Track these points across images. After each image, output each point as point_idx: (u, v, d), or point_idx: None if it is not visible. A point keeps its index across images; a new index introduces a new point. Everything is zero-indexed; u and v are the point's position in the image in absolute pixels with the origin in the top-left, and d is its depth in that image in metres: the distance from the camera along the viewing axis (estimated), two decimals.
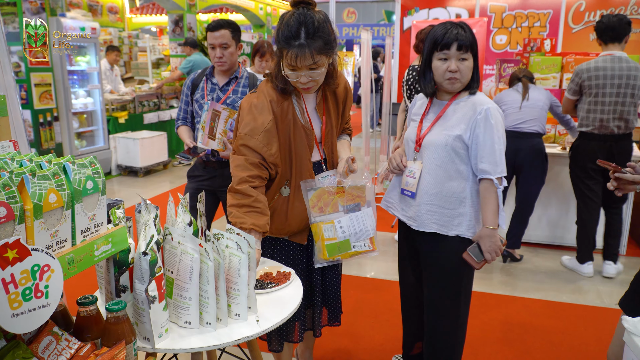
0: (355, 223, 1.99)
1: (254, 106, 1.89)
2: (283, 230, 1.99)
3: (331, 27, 1.79)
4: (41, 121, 5.68)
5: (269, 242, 2.06)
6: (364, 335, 2.90)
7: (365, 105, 5.54)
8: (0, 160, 1.17)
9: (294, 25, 1.73)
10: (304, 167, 1.95)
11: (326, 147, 2.03)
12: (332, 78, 1.93)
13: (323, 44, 1.75)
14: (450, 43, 1.84)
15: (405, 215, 2.09)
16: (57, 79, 5.91)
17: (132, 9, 12.61)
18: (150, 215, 1.50)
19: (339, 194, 1.99)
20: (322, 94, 1.98)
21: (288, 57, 1.75)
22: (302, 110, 1.95)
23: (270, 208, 1.95)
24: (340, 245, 1.96)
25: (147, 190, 6.20)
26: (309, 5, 1.79)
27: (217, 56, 2.69)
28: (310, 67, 1.76)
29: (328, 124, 2.01)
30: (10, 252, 0.97)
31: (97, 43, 6.50)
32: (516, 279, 3.72)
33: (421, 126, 2.03)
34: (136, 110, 7.40)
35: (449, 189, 1.94)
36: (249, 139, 1.84)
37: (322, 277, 2.13)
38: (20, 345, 1.15)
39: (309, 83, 1.82)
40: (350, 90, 2.10)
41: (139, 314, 1.36)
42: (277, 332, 2.05)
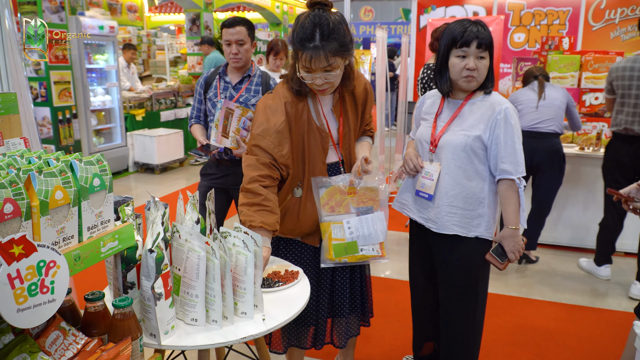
0: (364, 225, 1.97)
1: (268, 107, 1.90)
2: (294, 231, 1.99)
3: (347, 28, 1.77)
4: (60, 118, 5.77)
5: (282, 243, 2.06)
6: (374, 335, 2.89)
7: (380, 104, 5.51)
8: (9, 157, 1.18)
9: (309, 27, 1.72)
10: (317, 168, 1.94)
11: (344, 149, 2.01)
12: (348, 79, 1.91)
13: (338, 45, 1.73)
14: (470, 41, 1.82)
15: (422, 217, 2.05)
16: (76, 76, 6.00)
17: (150, 7, 12.75)
18: (158, 212, 1.51)
19: (350, 194, 1.97)
20: (339, 95, 1.96)
21: (303, 59, 1.75)
22: (318, 112, 1.94)
23: (282, 208, 1.95)
24: (347, 246, 1.94)
25: (163, 187, 6.26)
26: (325, 7, 1.78)
27: (233, 52, 2.70)
28: (325, 69, 1.75)
29: (345, 125, 1.99)
30: (16, 248, 0.98)
31: (115, 41, 6.58)
32: (531, 281, 3.66)
33: (435, 126, 2.00)
34: (153, 107, 7.48)
35: (469, 189, 1.91)
36: (261, 139, 1.85)
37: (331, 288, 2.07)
38: (27, 339, 1.16)
39: (324, 85, 1.81)
40: (370, 91, 2.06)
41: (145, 310, 1.37)
42: (286, 335, 2.04)
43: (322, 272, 2.04)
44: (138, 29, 11.35)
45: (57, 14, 5.59)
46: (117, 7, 11.09)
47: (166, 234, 1.53)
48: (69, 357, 1.21)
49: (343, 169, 2.02)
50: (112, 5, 10.88)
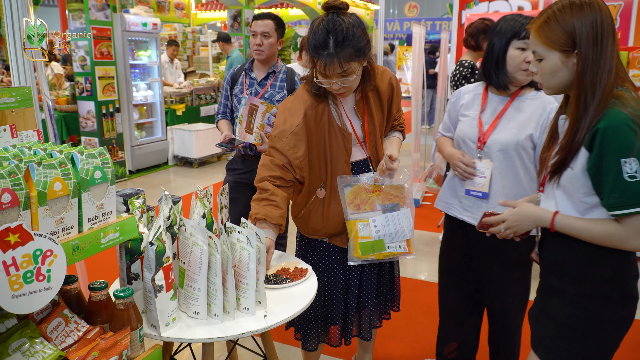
0: (390, 223, 1.94)
1: (287, 109, 1.91)
2: (320, 231, 1.98)
3: (362, 31, 1.74)
4: (104, 112, 5.99)
5: (310, 245, 2.06)
6: (395, 336, 2.85)
7: (415, 101, 5.42)
8: (18, 149, 1.23)
9: (322, 34, 1.70)
10: (340, 168, 1.93)
11: (370, 147, 1.99)
12: (368, 80, 1.88)
13: (353, 51, 1.70)
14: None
15: (473, 216, 2.00)
16: (120, 72, 6.20)
17: (197, 5, 13.04)
18: (167, 206, 1.54)
19: (375, 192, 1.95)
20: (361, 93, 1.93)
21: (318, 65, 1.74)
22: (339, 113, 1.92)
23: (307, 210, 1.97)
24: (374, 244, 1.92)
25: (199, 180, 6.39)
26: (340, 10, 1.75)
27: (257, 43, 2.72)
28: (341, 74, 1.73)
29: (370, 123, 1.96)
30: (12, 237, 1.02)
31: (158, 38, 6.76)
32: None
33: (481, 123, 1.96)
34: (193, 103, 7.65)
35: (522, 187, 1.90)
36: (277, 140, 1.86)
37: (359, 285, 2.07)
38: (29, 324, 1.21)
39: (342, 89, 1.80)
40: (397, 86, 2.02)
41: (147, 302, 1.40)
42: (315, 331, 2.05)
43: (351, 272, 2.03)
44: (184, 26, 11.63)
45: (103, 11, 5.79)
46: (165, 5, 11.40)
47: (174, 228, 1.55)
48: (69, 344, 1.25)
49: (371, 166, 2.00)
50: (160, 3, 11.20)
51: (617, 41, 1.30)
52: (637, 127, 1.23)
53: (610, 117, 1.25)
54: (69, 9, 5.73)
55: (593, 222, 1.33)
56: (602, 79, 1.28)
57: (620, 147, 1.23)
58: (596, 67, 1.27)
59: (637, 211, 1.25)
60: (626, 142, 1.23)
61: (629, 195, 1.25)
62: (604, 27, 1.27)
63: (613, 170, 1.24)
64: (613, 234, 1.30)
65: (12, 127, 1.33)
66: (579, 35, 1.28)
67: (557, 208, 1.42)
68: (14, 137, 1.35)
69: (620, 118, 1.24)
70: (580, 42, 1.28)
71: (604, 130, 1.25)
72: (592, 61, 1.27)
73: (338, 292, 2.02)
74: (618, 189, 1.25)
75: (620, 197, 1.25)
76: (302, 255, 2.09)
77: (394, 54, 13.90)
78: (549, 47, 1.33)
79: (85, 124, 6.05)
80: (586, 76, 1.28)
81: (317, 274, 2.01)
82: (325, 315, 2.05)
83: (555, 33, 1.30)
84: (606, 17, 1.28)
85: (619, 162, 1.23)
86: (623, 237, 1.29)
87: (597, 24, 1.27)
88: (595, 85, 1.28)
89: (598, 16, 1.27)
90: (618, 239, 1.30)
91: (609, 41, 1.27)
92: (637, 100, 1.29)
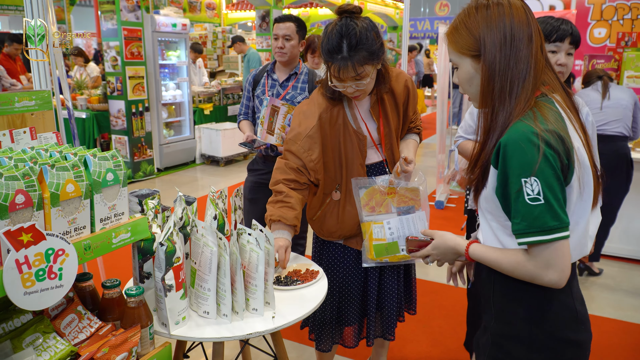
0: (405, 226, 1.94)
1: (302, 112, 1.93)
2: (335, 233, 2.00)
3: (376, 35, 1.75)
4: (133, 111, 6.13)
5: (325, 247, 2.08)
6: (411, 339, 2.83)
7: (441, 102, 5.36)
8: (34, 151, 1.28)
9: (336, 38, 1.72)
10: (355, 171, 1.94)
11: (386, 149, 1.99)
12: (383, 82, 1.89)
13: (367, 54, 1.72)
14: (565, 36, 1.83)
15: None
16: (150, 72, 6.34)
17: (228, 4, 13.22)
18: (180, 207, 1.57)
19: (390, 194, 1.95)
20: (376, 96, 1.94)
21: (332, 69, 1.76)
22: (354, 115, 1.94)
23: (322, 212, 1.99)
24: (388, 247, 1.93)
25: (226, 179, 6.48)
26: (353, 14, 1.77)
27: (279, 46, 2.75)
28: (355, 78, 1.75)
29: (386, 126, 1.97)
30: (25, 236, 1.06)
31: (187, 38, 6.88)
32: (591, 295, 3.43)
33: None
34: (221, 102, 7.75)
35: None
36: (292, 144, 1.89)
37: (378, 286, 2.08)
38: (44, 320, 1.26)
39: (356, 92, 1.81)
40: (412, 88, 2.02)
41: (158, 300, 1.43)
42: (329, 333, 2.07)
43: (369, 273, 2.04)
44: (215, 26, 11.80)
45: (134, 12, 5.93)
46: (196, 5, 11.60)
47: (187, 229, 1.59)
48: (81, 339, 1.30)
49: (387, 168, 2.00)
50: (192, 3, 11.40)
51: (538, 45, 1.15)
52: (543, 142, 1.05)
53: (513, 131, 1.09)
54: (101, 10, 5.89)
55: (502, 253, 1.16)
56: (513, 87, 1.13)
57: (520, 165, 1.06)
58: (506, 74, 1.13)
59: (540, 240, 1.06)
60: (526, 159, 1.05)
61: (530, 221, 1.07)
62: (515, 28, 1.12)
63: (514, 192, 1.08)
64: (522, 266, 1.11)
65: (31, 130, 1.38)
66: (483, 37, 1.14)
67: (481, 232, 1.27)
68: (34, 139, 1.41)
69: (522, 131, 1.07)
70: (485, 45, 1.14)
71: (505, 144, 1.08)
72: (500, 67, 1.13)
73: (353, 294, 2.03)
74: (519, 213, 1.08)
75: (521, 222, 1.08)
76: (317, 257, 2.11)
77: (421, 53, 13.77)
78: (460, 53, 1.20)
79: (116, 122, 6.20)
80: (494, 83, 1.14)
81: (332, 275, 2.03)
82: (340, 317, 2.06)
83: (462, 37, 1.18)
84: (519, 18, 1.13)
85: (520, 182, 1.06)
86: (532, 270, 1.10)
87: (504, 25, 1.13)
88: (505, 94, 1.13)
89: (507, 17, 1.13)
90: (528, 271, 1.11)
91: (522, 44, 1.12)
92: (556, 112, 1.13)
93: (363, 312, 2.09)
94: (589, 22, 5.92)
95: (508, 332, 1.22)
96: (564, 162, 1.07)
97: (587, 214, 1.18)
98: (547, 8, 6.27)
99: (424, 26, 17.31)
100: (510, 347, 1.21)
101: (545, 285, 1.11)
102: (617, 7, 5.73)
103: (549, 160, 1.05)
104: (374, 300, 2.06)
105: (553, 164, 1.05)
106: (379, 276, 2.06)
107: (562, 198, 1.08)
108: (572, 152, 1.09)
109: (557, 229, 1.06)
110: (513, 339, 1.21)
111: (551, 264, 1.08)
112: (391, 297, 2.08)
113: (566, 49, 1.83)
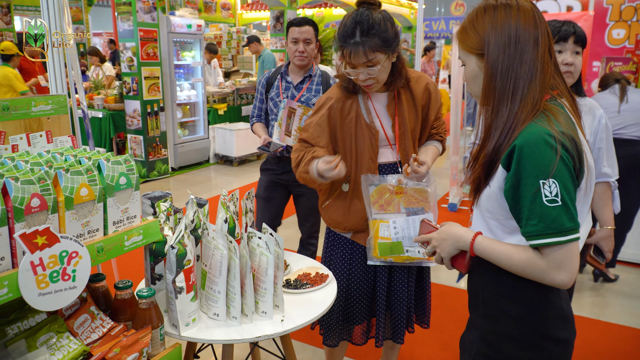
0: (410, 226, 1.94)
1: (317, 104, 2.02)
2: (341, 224, 2.02)
3: (390, 24, 1.81)
4: (149, 111, 6.20)
5: (336, 241, 2.09)
6: (422, 342, 2.83)
7: (455, 103, 5.33)
8: (50, 154, 1.31)
9: (350, 24, 1.79)
10: (365, 165, 1.95)
11: (401, 149, 1.99)
12: (399, 76, 1.92)
13: (379, 41, 1.77)
14: (568, 35, 1.85)
15: None
16: (165, 72, 6.41)
17: (243, 5, 13.29)
18: (191, 210, 1.60)
19: (399, 194, 1.95)
20: (394, 94, 1.95)
21: (345, 55, 1.82)
22: (369, 110, 1.96)
23: (330, 201, 2.04)
24: (392, 246, 1.93)
25: (239, 179, 6.52)
26: (372, 6, 1.83)
27: (300, 50, 2.77)
28: (366, 64, 1.79)
29: (401, 125, 1.97)
30: (40, 239, 1.09)
31: (201, 39, 6.94)
32: (606, 302, 3.38)
33: None
34: (235, 102, 7.80)
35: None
36: (304, 132, 2.00)
37: (388, 286, 2.07)
38: (57, 320, 1.29)
39: (368, 80, 1.84)
40: (434, 92, 2.02)
41: (169, 302, 1.46)
42: (337, 329, 2.07)
43: (378, 272, 2.04)
44: (230, 26, 11.87)
45: (150, 13, 5.99)
46: (212, 5, 11.69)
47: (198, 231, 1.61)
48: (94, 339, 1.33)
49: (401, 169, 2.00)
50: (207, 3, 11.48)
51: (546, 48, 1.16)
52: (559, 144, 1.06)
53: (528, 133, 1.10)
54: (117, 11, 5.96)
55: (514, 248, 1.15)
56: (518, 87, 1.14)
57: (537, 166, 1.07)
58: (509, 74, 1.14)
59: (557, 241, 1.07)
60: (544, 162, 1.06)
61: (548, 223, 1.07)
62: (520, 30, 1.14)
63: (530, 194, 1.08)
64: (534, 264, 1.11)
65: (47, 133, 1.41)
66: (488, 37, 1.16)
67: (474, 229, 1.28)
68: (49, 143, 1.44)
69: (538, 134, 1.08)
70: (488, 44, 1.16)
71: (521, 147, 1.09)
72: (502, 66, 1.15)
73: (361, 291, 2.03)
74: (536, 215, 1.08)
75: (538, 223, 1.08)
76: (327, 251, 2.12)
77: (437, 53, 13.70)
78: (467, 52, 1.23)
79: (131, 122, 6.28)
80: (495, 82, 1.16)
81: (340, 271, 2.03)
82: (347, 313, 2.06)
83: (469, 37, 1.21)
84: (525, 20, 1.15)
85: (538, 183, 1.07)
86: (544, 269, 1.10)
87: (510, 26, 1.15)
88: (508, 94, 1.14)
89: (513, 19, 1.15)
90: (539, 271, 1.11)
91: (527, 46, 1.14)
92: (567, 117, 1.15)
93: (372, 311, 2.10)
94: (608, 23, 5.84)
95: (497, 330, 1.23)
96: (577, 165, 1.09)
97: (584, 216, 1.20)
98: (564, 9, 6.20)
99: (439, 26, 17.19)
100: (499, 345, 1.23)
101: (553, 285, 1.12)
102: (637, 8, 5.64)
103: (565, 162, 1.07)
104: (383, 300, 2.06)
105: (569, 166, 1.08)
106: (389, 276, 2.06)
107: (575, 200, 1.10)
108: (583, 156, 1.11)
109: (572, 231, 1.07)
110: (502, 336, 1.22)
111: (563, 265, 1.09)
112: (400, 299, 2.07)
113: (571, 49, 1.85)
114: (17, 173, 1.13)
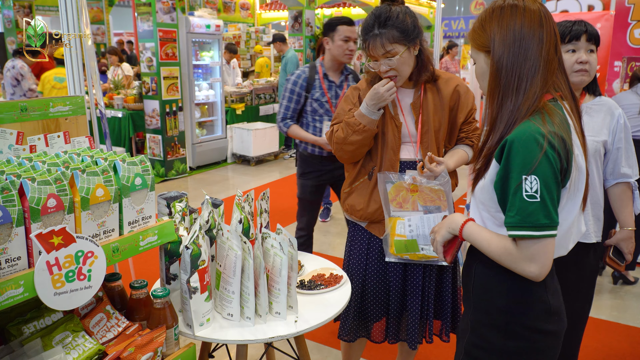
0: (425, 224, 1.93)
1: (346, 96, 2.08)
2: (359, 211, 2.02)
3: (409, 17, 1.84)
4: (167, 111, 6.26)
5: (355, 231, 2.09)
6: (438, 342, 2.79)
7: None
8: (67, 155, 1.33)
9: (371, 19, 1.85)
10: (388, 158, 1.96)
11: (423, 148, 1.98)
12: (424, 70, 1.93)
13: (397, 32, 1.80)
14: (580, 34, 1.84)
15: None
16: (184, 72, 6.46)
17: (261, 5, 13.34)
18: (206, 210, 1.60)
19: (414, 191, 1.94)
20: (421, 92, 1.96)
21: (366, 47, 1.88)
22: (394, 104, 1.98)
23: (355, 186, 2.05)
24: (407, 244, 1.92)
25: (256, 179, 6.54)
26: (394, 2, 1.89)
27: (350, 49, 2.82)
28: (385, 55, 1.83)
29: (425, 123, 1.96)
30: (56, 239, 1.10)
31: (220, 39, 6.98)
32: (626, 305, 3.31)
33: None
34: (253, 102, 7.83)
35: (598, 195, 1.93)
36: (335, 121, 2.05)
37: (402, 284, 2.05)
38: (73, 319, 1.31)
39: (390, 72, 1.87)
40: (463, 95, 1.99)
41: (183, 302, 1.47)
42: (354, 324, 2.06)
43: (390, 268, 2.02)
44: (248, 26, 11.93)
45: (169, 14, 6.05)
46: (231, 5, 11.76)
47: (213, 231, 1.62)
48: (109, 338, 1.34)
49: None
50: (226, 3, 11.56)
51: (551, 46, 1.20)
52: (547, 143, 1.11)
53: (521, 129, 1.15)
54: (137, 12, 6.03)
55: (497, 236, 1.22)
56: (522, 82, 1.19)
57: (522, 162, 1.12)
58: (512, 71, 1.20)
59: (530, 235, 1.12)
60: (529, 158, 1.11)
61: (524, 216, 1.13)
62: (525, 29, 1.20)
63: (513, 187, 1.14)
64: (509, 253, 1.17)
65: (65, 134, 1.43)
66: (494, 35, 1.23)
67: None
68: (67, 143, 1.46)
69: (530, 131, 1.13)
70: (494, 42, 1.22)
71: (512, 142, 1.14)
72: (506, 64, 1.20)
73: (376, 287, 2.02)
74: (515, 207, 1.14)
75: (515, 216, 1.14)
76: (347, 246, 2.12)
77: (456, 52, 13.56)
78: (476, 49, 1.30)
79: (150, 121, 6.35)
80: (499, 78, 1.22)
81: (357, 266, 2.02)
82: (363, 309, 2.05)
83: (478, 35, 1.27)
84: (531, 20, 1.20)
85: (520, 178, 1.12)
86: (516, 259, 1.16)
87: (515, 24, 1.20)
88: (513, 88, 1.20)
89: (519, 18, 1.21)
90: (511, 260, 1.17)
91: (532, 44, 1.19)
92: (563, 118, 1.19)
93: (388, 308, 2.07)
94: (629, 23, 5.71)
95: (486, 321, 1.30)
96: (564, 165, 1.15)
97: (573, 216, 1.25)
98: (585, 8, 6.10)
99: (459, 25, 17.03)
100: (487, 334, 1.30)
101: (525, 276, 1.18)
102: None
103: (550, 161, 1.12)
104: (397, 298, 2.03)
105: (553, 165, 1.12)
106: (403, 274, 2.03)
107: (557, 198, 1.15)
108: (572, 157, 1.16)
109: (547, 227, 1.13)
110: (490, 326, 1.29)
111: (535, 258, 1.15)
112: (414, 299, 2.03)
113: (585, 47, 1.83)
114: (34, 173, 1.14)
